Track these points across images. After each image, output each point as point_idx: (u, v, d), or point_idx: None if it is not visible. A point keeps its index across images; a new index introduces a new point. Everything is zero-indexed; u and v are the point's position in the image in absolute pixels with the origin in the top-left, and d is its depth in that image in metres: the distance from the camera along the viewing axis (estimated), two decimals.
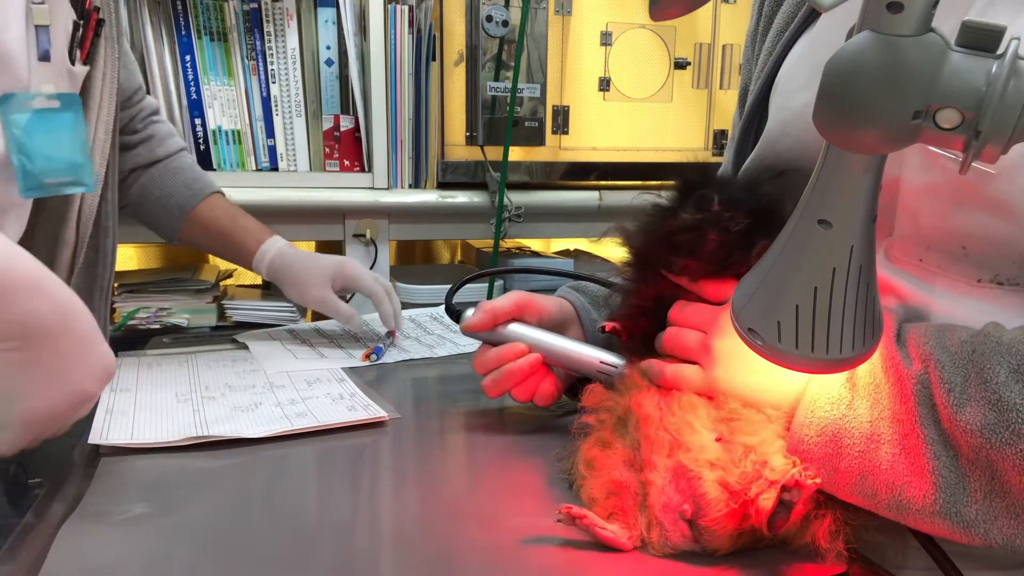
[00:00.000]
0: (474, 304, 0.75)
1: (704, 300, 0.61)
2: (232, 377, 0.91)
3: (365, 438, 0.74)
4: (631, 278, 0.67)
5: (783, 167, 0.65)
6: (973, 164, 0.40)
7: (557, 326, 0.76)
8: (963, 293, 0.54)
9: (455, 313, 0.77)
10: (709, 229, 0.58)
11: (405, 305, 1.52)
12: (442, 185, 1.57)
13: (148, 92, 1.11)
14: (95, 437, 0.71)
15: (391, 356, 1.02)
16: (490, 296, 1.55)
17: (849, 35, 0.40)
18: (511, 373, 0.72)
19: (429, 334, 1.14)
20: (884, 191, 0.45)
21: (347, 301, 1.08)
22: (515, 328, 0.74)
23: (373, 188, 1.53)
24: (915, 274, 0.57)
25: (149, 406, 0.80)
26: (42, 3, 0.75)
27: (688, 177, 0.62)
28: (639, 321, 0.66)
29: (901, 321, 0.53)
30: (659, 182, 0.63)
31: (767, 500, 0.49)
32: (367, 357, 0.99)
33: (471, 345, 1.07)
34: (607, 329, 0.67)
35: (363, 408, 0.79)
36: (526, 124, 1.57)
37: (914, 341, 0.51)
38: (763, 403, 0.54)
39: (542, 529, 0.55)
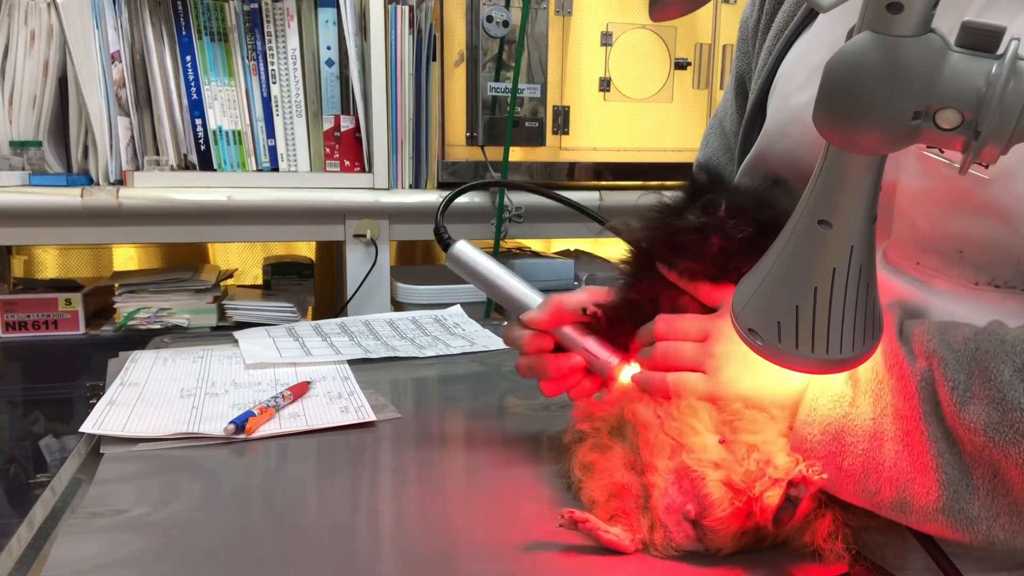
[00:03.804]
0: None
1: (700, 303, 0.61)
2: (240, 374, 0.91)
3: (365, 438, 0.74)
4: (630, 274, 0.67)
5: (781, 169, 0.65)
6: (970, 167, 0.40)
7: None
8: (961, 295, 0.54)
9: (443, 240, 0.71)
10: (713, 234, 0.58)
11: (406, 306, 1.53)
12: (443, 185, 1.57)
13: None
14: (88, 426, 0.72)
15: (378, 352, 1.02)
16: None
17: (849, 35, 0.40)
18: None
19: (425, 335, 1.14)
20: (882, 194, 0.45)
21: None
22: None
23: (373, 188, 1.52)
24: (913, 276, 0.57)
25: (151, 400, 0.81)
26: None
27: (696, 179, 0.62)
28: (625, 313, 0.65)
29: (903, 318, 0.53)
30: (659, 182, 0.63)
31: (772, 497, 0.49)
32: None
33: (461, 347, 1.07)
34: (587, 312, 0.66)
35: (355, 410, 0.79)
36: (526, 124, 1.57)
37: (918, 338, 0.51)
38: (769, 405, 0.54)
39: (543, 531, 0.55)
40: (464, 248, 0.69)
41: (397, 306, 1.57)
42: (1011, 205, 0.50)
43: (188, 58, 1.48)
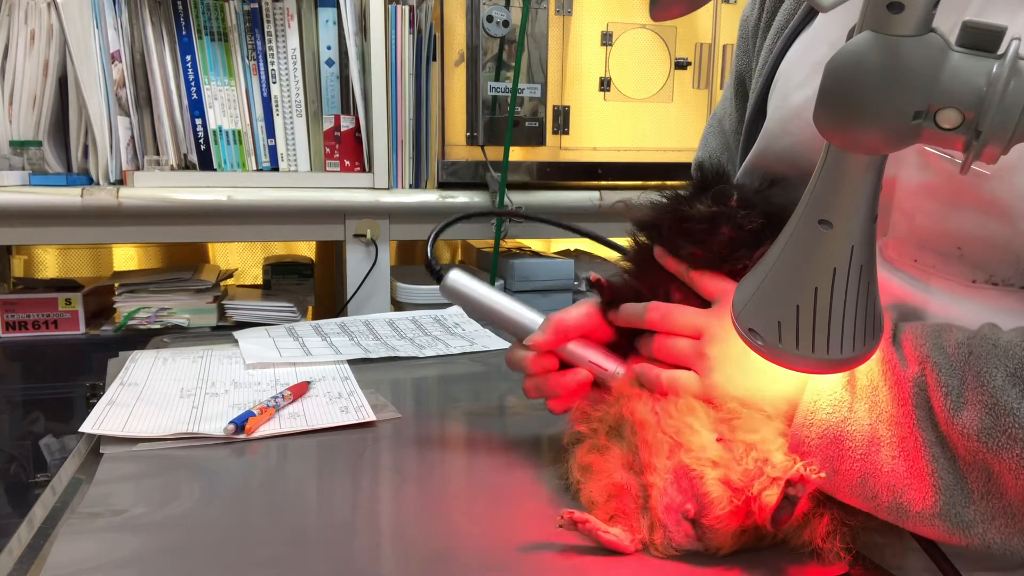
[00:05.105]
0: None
1: (696, 296, 0.61)
2: (240, 374, 0.91)
3: (365, 438, 0.74)
4: (633, 261, 0.67)
5: (782, 167, 0.65)
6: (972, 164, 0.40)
7: None
8: (958, 293, 0.54)
9: (435, 272, 0.71)
10: (723, 223, 0.59)
11: (406, 306, 1.53)
12: (443, 185, 1.57)
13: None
14: (87, 427, 0.72)
15: (378, 352, 1.02)
16: (493, 280, 1.55)
17: (850, 35, 0.40)
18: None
19: (425, 335, 1.14)
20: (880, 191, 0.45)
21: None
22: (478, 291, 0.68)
23: (374, 188, 1.52)
24: (911, 273, 0.57)
25: (151, 400, 0.81)
26: None
27: (705, 171, 0.63)
28: (624, 293, 0.65)
29: (897, 320, 0.53)
30: (659, 182, 0.63)
31: (770, 496, 0.49)
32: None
33: (461, 347, 1.07)
34: (592, 280, 0.66)
35: (355, 410, 0.79)
36: (526, 124, 1.57)
37: (910, 342, 0.51)
38: (762, 406, 0.54)
39: (542, 531, 0.55)
40: (457, 277, 0.68)
41: (397, 306, 1.57)
42: (1012, 201, 0.50)
43: (188, 58, 1.48)
